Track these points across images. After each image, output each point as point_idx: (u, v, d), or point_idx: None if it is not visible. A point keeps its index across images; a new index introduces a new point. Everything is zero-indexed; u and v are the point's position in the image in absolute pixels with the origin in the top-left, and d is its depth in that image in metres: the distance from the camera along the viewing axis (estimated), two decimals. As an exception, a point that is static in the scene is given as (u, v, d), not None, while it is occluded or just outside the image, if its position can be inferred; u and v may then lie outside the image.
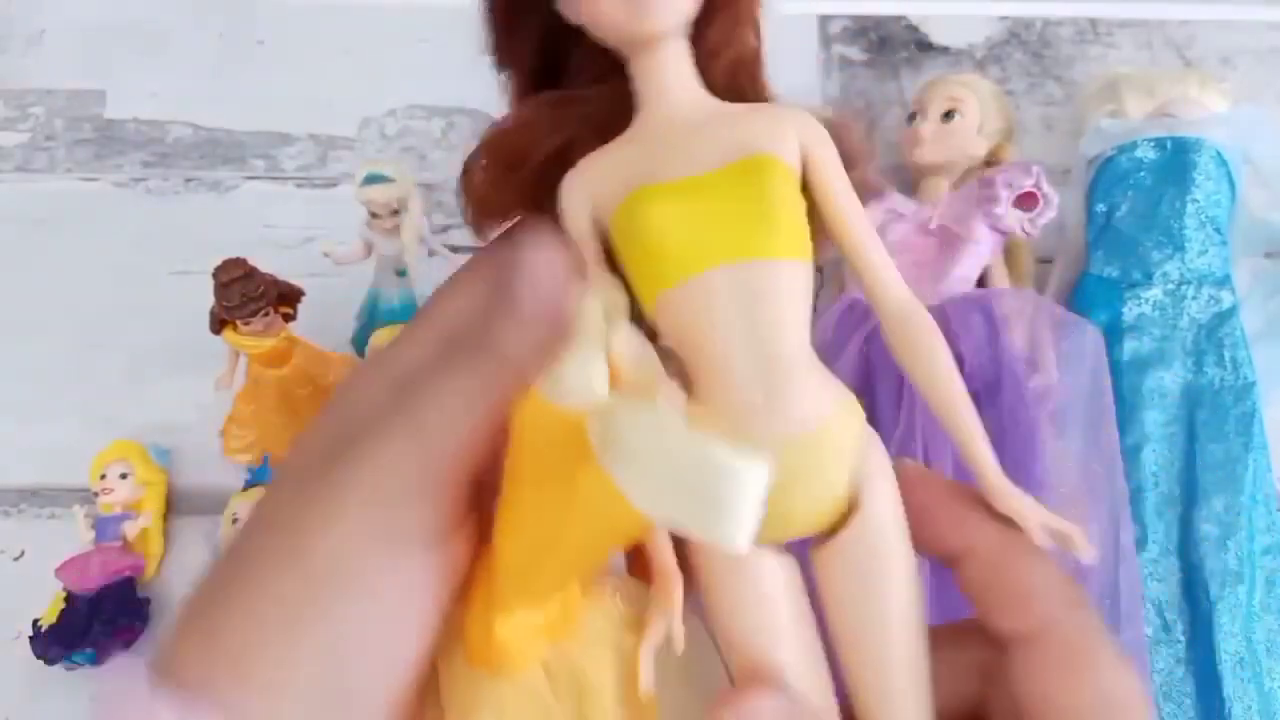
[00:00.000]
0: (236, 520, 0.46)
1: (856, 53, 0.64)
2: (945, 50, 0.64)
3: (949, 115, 0.52)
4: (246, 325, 0.45)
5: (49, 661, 0.44)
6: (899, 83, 0.63)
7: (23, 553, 0.50)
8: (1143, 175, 0.50)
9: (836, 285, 0.53)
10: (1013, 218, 0.47)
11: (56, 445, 0.52)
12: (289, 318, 0.47)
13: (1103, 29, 0.65)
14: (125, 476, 0.49)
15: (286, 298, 0.46)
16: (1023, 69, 0.64)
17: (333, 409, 0.22)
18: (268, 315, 0.45)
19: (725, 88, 0.24)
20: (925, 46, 0.64)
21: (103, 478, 0.49)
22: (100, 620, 0.45)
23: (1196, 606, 0.43)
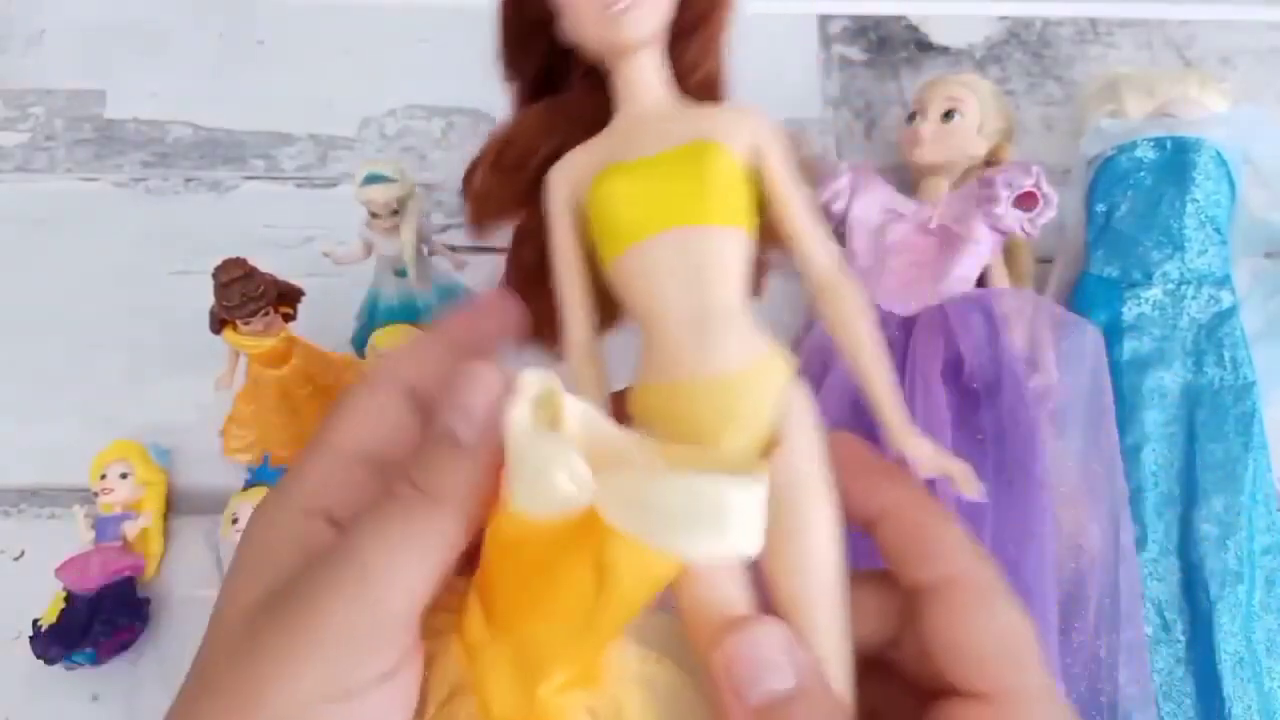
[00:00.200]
0: (236, 520, 0.46)
1: (856, 52, 0.64)
2: (945, 50, 0.64)
3: (949, 115, 0.52)
4: (246, 325, 0.45)
5: (49, 661, 0.44)
6: (899, 83, 0.63)
7: (23, 553, 0.50)
8: (1143, 175, 0.50)
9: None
10: (1013, 218, 0.47)
11: (56, 445, 0.52)
12: (289, 318, 0.47)
13: (1103, 29, 0.65)
14: (125, 476, 0.49)
15: (286, 298, 0.46)
16: (1023, 69, 0.64)
17: (252, 547, 0.22)
18: (268, 315, 0.45)
19: (695, 98, 0.27)
20: (925, 46, 0.64)
21: (103, 478, 0.49)
22: (100, 620, 0.45)
23: (1196, 606, 0.43)
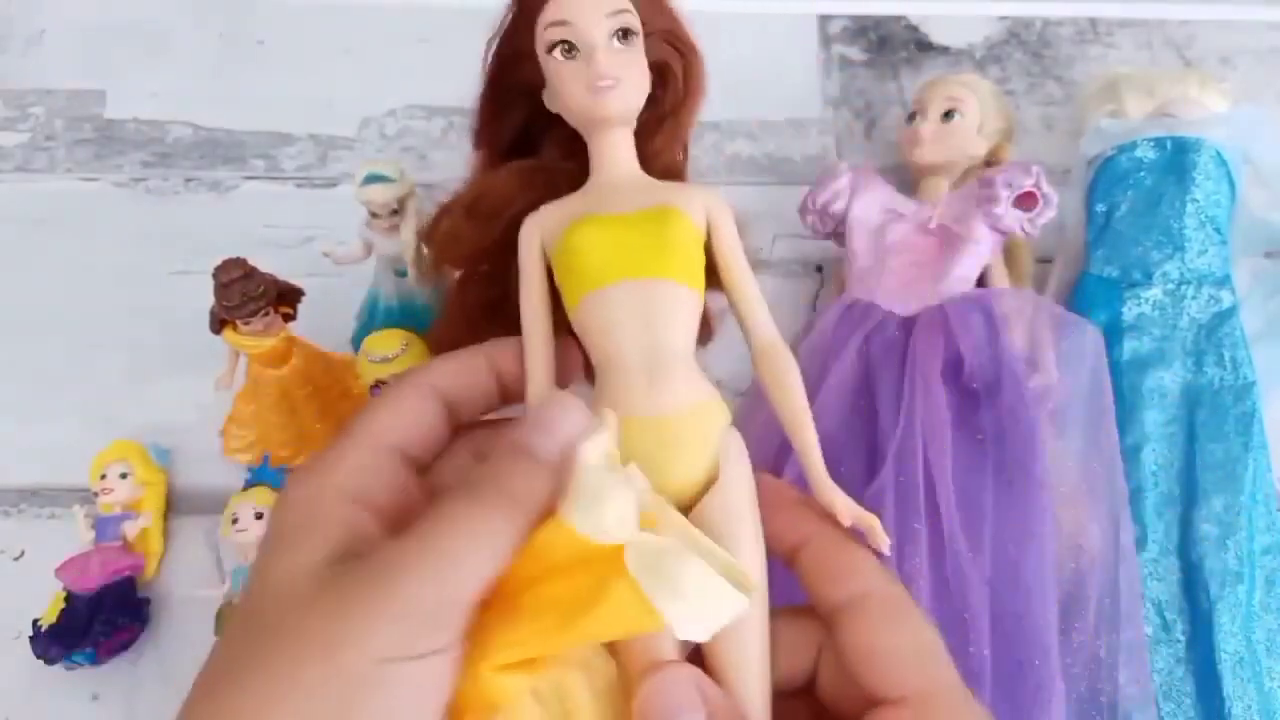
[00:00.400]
0: (236, 520, 0.46)
1: (856, 52, 0.64)
2: (945, 50, 0.64)
3: (949, 115, 0.52)
4: (246, 325, 0.45)
5: (49, 661, 0.44)
6: (899, 82, 0.63)
7: (23, 553, 0.50)
8: (1143, 175, 0.50)
9: (836, 285, 0.53)
10: (1013, 218, 0.47)
11: (56, 445, 0.52)
12: (289, 318, 0.47)
13: (1103, 29, 0.65)
14: (125, 476, 0.49)
15: (286, 298, 0.46)
16: (1023, 69, 0.64)
17: (297, 515, 0.25)
18: (268, 315, 0.45)
19: (658, 179, 0.31)
20: (925, 46, 0.65)
21: (103, 478, 0.49)
22: (100, 620, 0.45)
23: (1196, 606, 0.43)
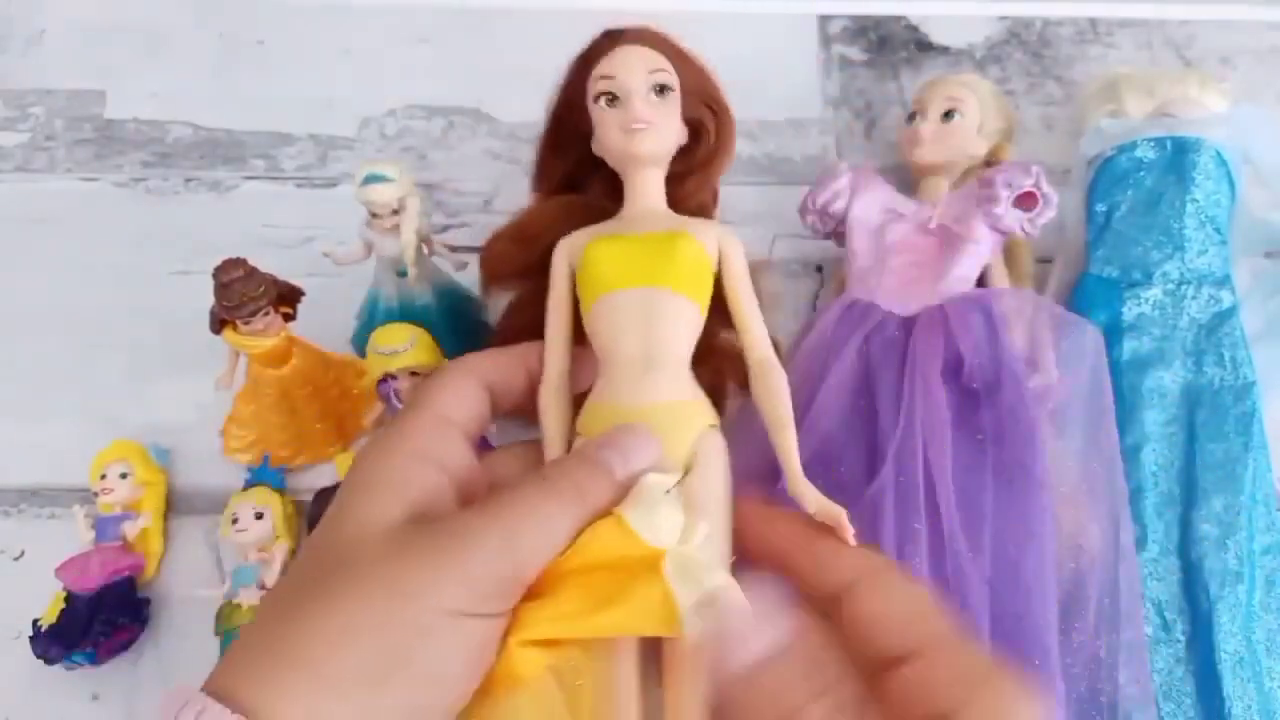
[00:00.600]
0: (236, 520, 0.46)
1: (856, 52, 0.64)
2: (945, 50, 0.64)
3: (949, 115, 0.52)
4: (246, 325, 0.45)
5: (49, 661, 0.44)
6: (899, 82, 0.63)
7: (23, 553, 0.50)
8: (1142, 175, 0.50)
9: (836, 285, 0.53)
10: (1013, 218, 0.47)
11: (56, 445, 0.52)
12: (289, 318, 0.47)
13: (1103, 29, 0.65)
14: (125, 476, 0.49)
15: (286, 298, 0.46)
16: (1023, 69, 0.64)
17: (372, 475, 0.29)
18: (268, 315, 0.45)
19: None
20: (925, 46, 0.65)
21: (103, 478, 0.49)
22: (100, 620, 0.45)
23: (1196, 606, 0.43)
